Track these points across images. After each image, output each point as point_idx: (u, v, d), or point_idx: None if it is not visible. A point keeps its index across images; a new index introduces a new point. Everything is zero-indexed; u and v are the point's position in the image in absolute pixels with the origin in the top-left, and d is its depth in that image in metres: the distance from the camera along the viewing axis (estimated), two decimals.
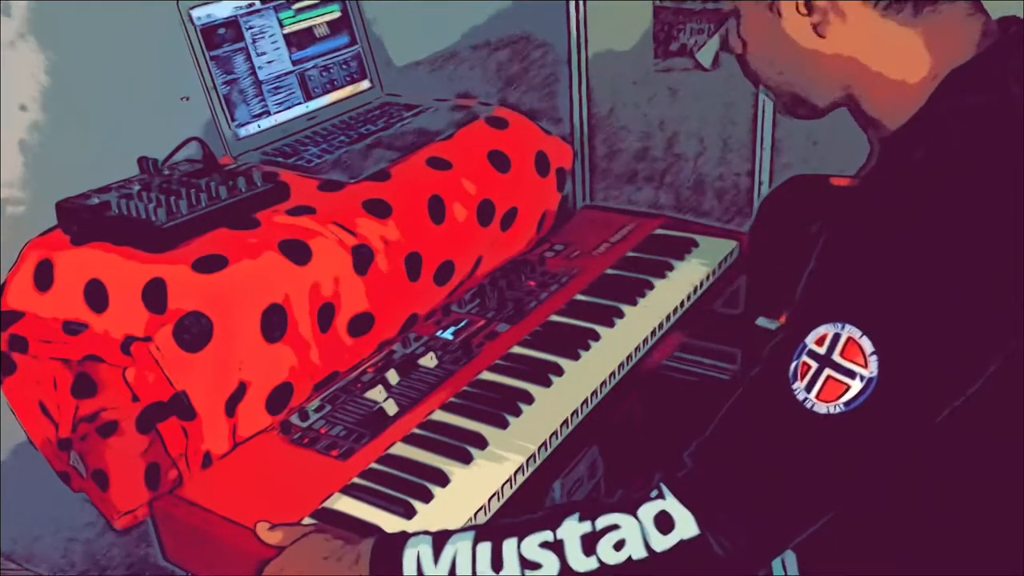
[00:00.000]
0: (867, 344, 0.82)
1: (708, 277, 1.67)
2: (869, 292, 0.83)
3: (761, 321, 1.57)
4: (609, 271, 1.67)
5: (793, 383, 0.86)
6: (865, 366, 0.82)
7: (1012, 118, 0.86)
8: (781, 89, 1.03)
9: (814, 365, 0.85)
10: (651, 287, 1.61)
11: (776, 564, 1.15)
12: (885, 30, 0.91)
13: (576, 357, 1.43)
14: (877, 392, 0.82)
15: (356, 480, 1.20)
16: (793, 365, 0.86)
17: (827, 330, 0.84)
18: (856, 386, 0.83)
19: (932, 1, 0.90)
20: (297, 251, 1.31)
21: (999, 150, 0.84)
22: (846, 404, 0.83)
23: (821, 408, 0.84)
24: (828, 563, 1.05)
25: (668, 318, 1.55)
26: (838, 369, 0.83)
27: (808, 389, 0.85)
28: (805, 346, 0.85)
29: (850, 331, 0.83)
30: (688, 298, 1.60)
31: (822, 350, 0.84)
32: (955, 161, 0.83)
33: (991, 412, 0.86)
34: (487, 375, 1.40)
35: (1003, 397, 0.85)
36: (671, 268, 1.67)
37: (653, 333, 1.51)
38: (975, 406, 0.84)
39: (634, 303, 1.57)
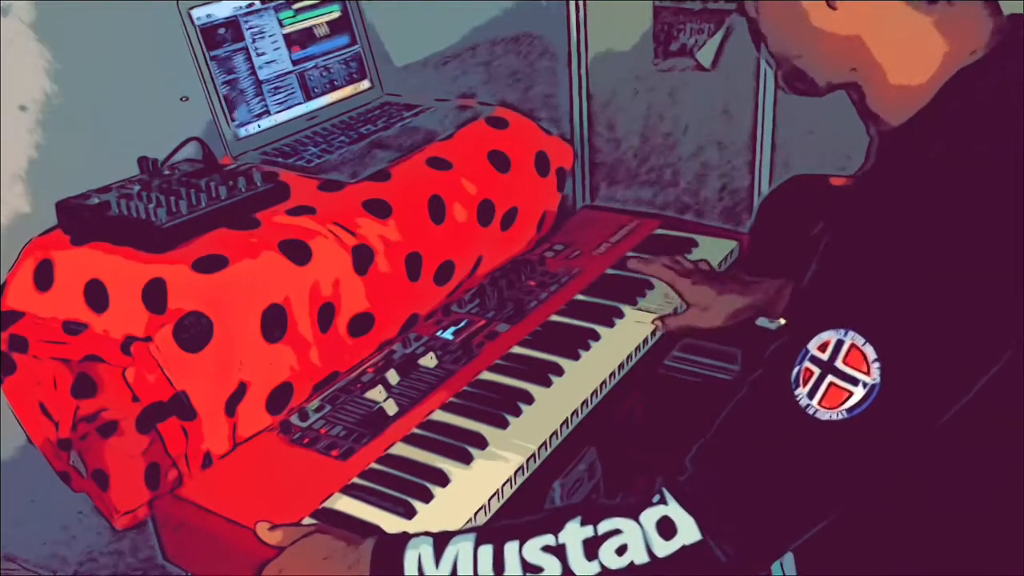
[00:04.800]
0: (870, 351, 0.82)
1: None
2: (872, 299, 0.83)
3: (761, 321, 1.57)
4: (609, 271, 1.67)
5: (795, 389, 0.85)
6: (868, 373, 0.82)
7: (1016, 122, 0.85)
8: (785, 59, 1.00)
9: (816, 371, 0.84)
10: (651, 287, 1.61)
11: (775, 565, 1.15)
12: (900, 16, 0.90)
13: (576, 357, 1.43)
14: (880, 399, 0.82)
15: (356, 480, 1.20)
16: (795, 371, 0.86)
17: (830, 336, 0.84)
18: (859, 393, 0.82)
19: None
20: (297, 251, 1.31)
21: (1003, 154, 0.83)
22: (848, 411, 0.83)
23: (823, 415, 0.84)
24: (827, 565, 1.05)
25: None
26: (841, 376, 0.83)
27: (810, 395, 0.84)
28: (807, 352, 0.85)
29: (853, 338, 0.82)
30: None
31: (825, 356, 0.84)
32: (959, 166, 0.83)
33: (991, 415, 0.86)
34: (487, 375, 1.40)
35: (1003, 400, 0.85)
36: None
37: (653, 333, 1.51)
38: (976, 410, 0.84)
39: (634, 303, 1.57)
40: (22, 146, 1.36)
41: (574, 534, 0.92)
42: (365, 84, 1.76)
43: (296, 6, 1.64)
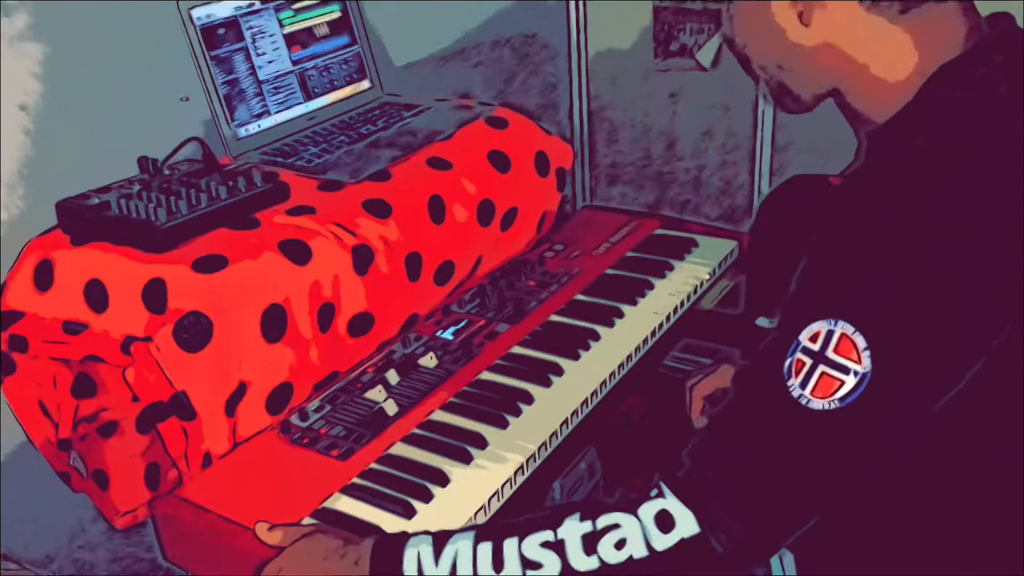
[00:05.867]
0: (860, 340, 0.82)
1: (708, 277, 1.67)
2: (861, 288, 0.84)
3: (761, 321, 1.57)
4: (609, 271, 1.67)
5: (788, 380, 0.86)
6: (859, 362, 0.83)
7: (1000, 114, 0.86)
8: (769, 77, 1.02)
9: (808, 362, 0.85)
10: (651, 287, 1.61)
11: (775, 565, 1.15)
12: (871, 25, 0.91)
13: (576, 357, 1.43)
14: (871, 387, 0.83)
15: (356, 480, 1.20)
16: (787, 362, 0.86)
17: (820, 327, 0.84)
18: (850, 382, 0.83)
19: (919, 2, 0.90)
20: (297, 251, 1.31)
21: (988, 145, 0.84)
22: (840, 400, 0.84)
23: (816, 404, 0.84)
24: (826, 565, 1.05)
25: (668, 318, 1.55)
26: (832, 365, 0.84)
27: (803, 386, 0.85)
28: (799, 343, 0.86)
29: (843, 327, 0.83)
30: (688, 298, 1.61)
31: (816, 347, 0.84)
32: (944, 157, 0.84)
33: (986, 405, 0.87)
34: (487, 375, 1.40)
35: (998, 388, 0.86)
36: (671, 268, 1.67)
37: (653, 333, 1.51)
38: (970, 399, 0.85)
39: (634, 303, 1.57)
40: (22, 146, 1.36)
41: (573, 529, 0.93)
42: (365, 84, 1.76)
43: (296, 6, 1.64)
